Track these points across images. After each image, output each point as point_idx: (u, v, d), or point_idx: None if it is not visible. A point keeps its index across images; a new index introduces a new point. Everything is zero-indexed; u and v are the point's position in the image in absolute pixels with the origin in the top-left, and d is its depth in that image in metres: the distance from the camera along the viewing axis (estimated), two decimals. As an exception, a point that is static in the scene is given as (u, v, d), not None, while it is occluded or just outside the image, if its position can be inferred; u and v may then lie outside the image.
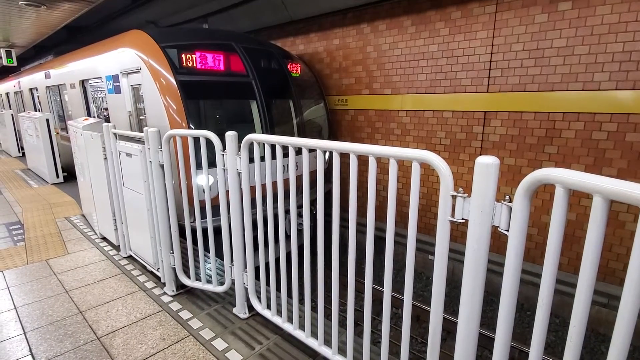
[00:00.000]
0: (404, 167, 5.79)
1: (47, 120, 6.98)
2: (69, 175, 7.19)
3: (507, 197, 1.18)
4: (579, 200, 4.47)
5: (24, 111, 10.18)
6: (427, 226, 5.95)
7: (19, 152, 10.69)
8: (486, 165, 1.17)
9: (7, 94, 13.33)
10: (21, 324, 2.53)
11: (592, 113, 4.24)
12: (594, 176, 0.93)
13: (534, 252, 4.93)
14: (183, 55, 4.43)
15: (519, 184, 1.09)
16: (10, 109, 12.43)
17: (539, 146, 4.67)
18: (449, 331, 4.64)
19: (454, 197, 1.29)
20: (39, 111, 9.30)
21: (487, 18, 4.82)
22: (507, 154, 4.95)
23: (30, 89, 9.94)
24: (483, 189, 1.19)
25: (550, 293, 1.07)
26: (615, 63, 4.01)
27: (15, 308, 2.73)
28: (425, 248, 5.89)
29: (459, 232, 5.33)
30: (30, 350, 2.27)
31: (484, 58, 4.92)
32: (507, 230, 1.17)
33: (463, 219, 1.28)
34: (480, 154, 5.32)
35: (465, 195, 1.26)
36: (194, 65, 4.51)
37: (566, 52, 4.29)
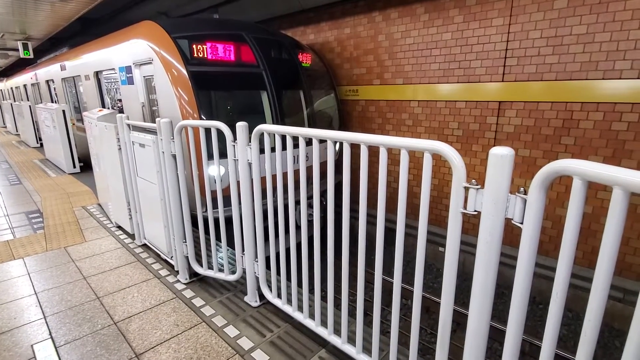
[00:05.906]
0: (415, 158, 5.72)
1: (64, 111, 7.12)
2: (86, 165, 7.35)
3: (522, 189, 1.15)
4: (595, 193, 4.36)
5: (41, 103, 10.40)
6: (437, 218, 5.90)
7: (37, 143, 10.97)
8: (501, 157, 1.15)
9: (24, 85, 13.61)
10: (41, 309, 2.63)
11: (613, 103, 4.10)
12: (614, 168, 0.89)
13: (547, 245, 4.85)
14: (194, 46, 4.44)
15: (534, 175, 1.07)
16: (28, 100, 12.71)
17: (555, 137, 4.55)
18: (458, 322, 4.64)
19: (466, 189, 1.27)
20: (56, 103, 9.49)
21: (503, 4, 4.67)
22: (522, 145, 4.84)
23: (47, 81, 10.13)
24: (497, 180, 1.17)
25: (564, 288, 1.05)
26: (638, 51, 3.85)
27: (36, 293, 2.84)
28: (436, 240, 5.85)
29: (470, 224, 5.27)
30: (50, 333, 2.36)
31: (500, 46, 4.79)
32: (521, 223, 1.15)
33: (475, 210, 1.27)
34: (494, 145, 5.23)
35: (478, 186, 1.24)
36: (205, 56, 4.51)
37: (586, 40, 4.13)
